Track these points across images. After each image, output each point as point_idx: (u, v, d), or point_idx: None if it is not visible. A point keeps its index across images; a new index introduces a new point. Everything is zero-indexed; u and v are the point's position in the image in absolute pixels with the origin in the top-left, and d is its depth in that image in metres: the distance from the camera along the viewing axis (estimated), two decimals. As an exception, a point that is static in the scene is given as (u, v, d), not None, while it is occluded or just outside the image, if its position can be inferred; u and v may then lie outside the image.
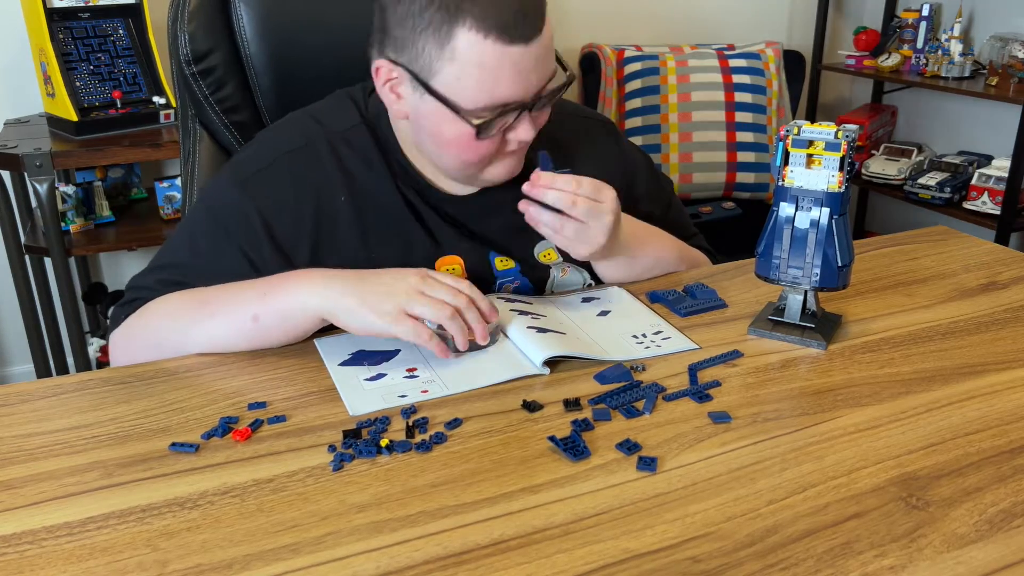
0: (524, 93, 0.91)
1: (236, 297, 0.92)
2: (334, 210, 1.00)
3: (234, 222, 0.98)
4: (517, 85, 0.90)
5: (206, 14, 1.17)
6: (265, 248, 0.98)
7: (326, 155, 1.00)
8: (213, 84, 1.18)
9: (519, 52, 0.88)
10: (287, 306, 0.90)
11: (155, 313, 0.96)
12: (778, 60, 2.69)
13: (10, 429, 0.79)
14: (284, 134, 1.04)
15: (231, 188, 1.00)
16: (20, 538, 0.64)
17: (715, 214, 2.53)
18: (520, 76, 0.90)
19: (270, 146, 1.03)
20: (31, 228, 2.19)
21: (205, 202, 1.04)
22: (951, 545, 0.62)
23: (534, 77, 0.91)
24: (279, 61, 1.19)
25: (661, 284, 1.08)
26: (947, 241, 1.22)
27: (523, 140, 0.95)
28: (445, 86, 0.90)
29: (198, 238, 1.00)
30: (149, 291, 0.98)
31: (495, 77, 0.89)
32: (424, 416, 0.80)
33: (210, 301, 0.93)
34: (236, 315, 0.91)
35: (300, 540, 0.63)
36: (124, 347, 0.97)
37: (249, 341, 0.92)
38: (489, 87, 0.89)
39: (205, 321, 0.92)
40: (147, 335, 0.96)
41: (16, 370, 2.50)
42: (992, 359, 0.89)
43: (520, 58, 0.89)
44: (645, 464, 0.71)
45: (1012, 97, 2.38)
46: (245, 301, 0.92)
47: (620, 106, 2.63)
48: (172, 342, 0.93)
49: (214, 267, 0.97)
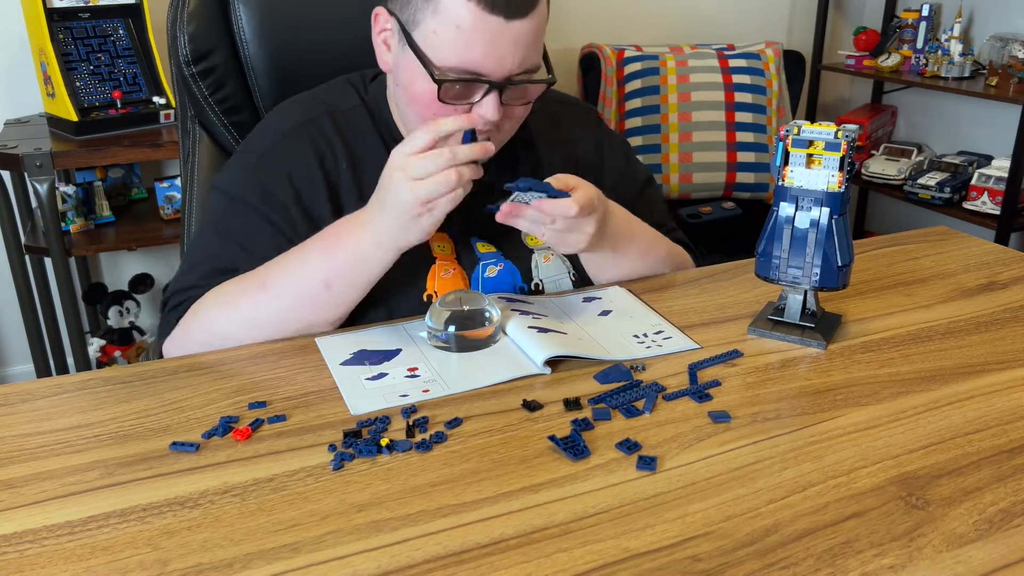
0: (495, 68, 0.91)
1: (297, 270, 0.93)
2: (338, 177, 1.02)
3: (259, 199, 1.00)
4: (489, 58, 0.90)
5: (206, 15, 1.17)
6: (297, 218, 0.99)
7: (328, 128, 1.03)
8: (212, 85, 1.18)
9: (498, 25, 0.89)
10: (358, 255, 0.92)
11: (212, 307, 0.96)
12: (778, 60, 2.69)
13: (11, 428, 0.79)
14: (286, 115, 1.06)
15: (247, 170, 1.02)
16: (21, 537, 0.64)
17: (715, 214, 2.53)
18: (493, 49, 0.90)
19: (274, 126, 1.05)
20: (31, 228, 2.19)
21: (224, 191, 1.04)
22: (951, 545, 0.62)
23: (509, 57, 0.91)
24: (278, 62, 1.20)
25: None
26: (947, 241, 1.22)
27: (486, 118, 0.93)
28: (423, 38, 0.92)
29: (228, 225, 1.01)
30: (196, 289, 0.99)
31: (468, 41, 0.89)
32: (424, 415, 0.80)
33: (268, 283, 0.94)
34: (305, 286, 0.93)
35: (300, 539, 0.63)
36: (185, 349, 0.96)
37: (327, 310, 0.94)
38: (461, 50, 0.90)
39: (270, 303, 0.93)
40: (210, 331, 0.95)
41: (16, 370, 2.50)
42: (992, 359, 0.89)
43: (498, 31, 0.89)
44: (645, 463, 0.71)
45: (1012, 97, 2.38)
46: (310, 271, 0.93)
47: (620, 106, 2.63)
48: (238, 333, 0.94)
49: (253, 247, 0.98)
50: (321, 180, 1.01)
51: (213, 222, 1.04)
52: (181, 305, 0.99)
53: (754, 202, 2.62)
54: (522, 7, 0.90)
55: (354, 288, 0.95)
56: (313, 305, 0.94)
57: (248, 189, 1.01)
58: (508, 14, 0.89)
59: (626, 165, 1.19)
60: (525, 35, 0.91)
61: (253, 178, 1.01)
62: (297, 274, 0.94)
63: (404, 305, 1.01)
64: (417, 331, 0.95)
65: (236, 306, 0.95)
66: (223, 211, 1.03)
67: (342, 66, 1.14)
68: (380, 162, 1.00)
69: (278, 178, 1.00)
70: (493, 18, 0.89)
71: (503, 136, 1.01)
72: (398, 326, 0.97)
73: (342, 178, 1.02)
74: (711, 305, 1.03)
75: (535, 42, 0.94)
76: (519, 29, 0.90)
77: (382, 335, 0.95)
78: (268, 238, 0.99)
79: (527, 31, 0.91)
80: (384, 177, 0.90)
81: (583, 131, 1.16)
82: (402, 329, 0.96)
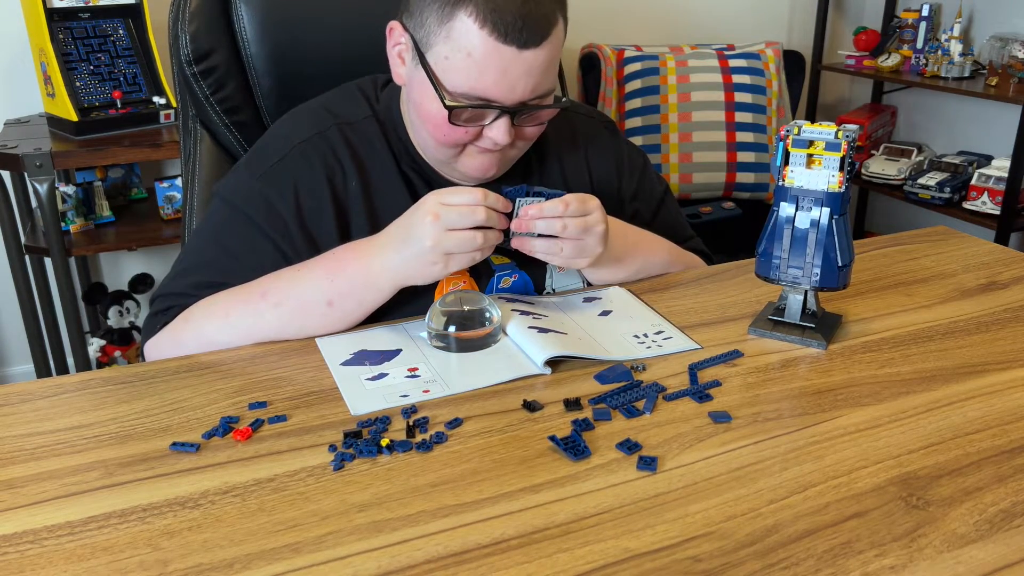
0: (506, 96, 0.91)
1: (301, 284, 0.94)
2: (347, 195, 1.01)
3: (262, 214, 0.99)
4: (500, 86, 0.90)
5: (207, 14, 1.17)
6: (296, 236, 0.99)
7: (338, 142, 1.02)
8: (214, 84, 1.18)
9: (510, 55, 0.89)
10: (363, 282, 0.92)
11: (204, 316, 0.96)
12: (778, 60, 2.69)
13: (11, 429, 0.79)
14: (297, 125, 1.05)
15: (252, 182, 1.01)
16: (21, 537, 0.64)
17: (715, 214, 2.53)
18: (504, 78, 0.90)
19: (284, 138, 1.04)
20: (31, 228, 2.19)
21: (227, 199, 1.02)
22: (951, 545, 0.62)
23: (520, 85, 0.91)
24: (280, 61, 1.19)
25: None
26: (947, 241, 1.22)
27: (497, 142, 0.94)
28: (435, 61, 0.91)
29: (225, 235, 1.00)
30: (185, 297, 0.98)
31: (480, 69, 0.89)
32: (425, 416, 0.80)
33: (271, 293, 0.94)
34: (307, 303, 0.93)
35: (301, 539, 0.63)
36: (171, 354, 0.95)
37: (329, 326, 0.94)
38: (472, 77, 0.90)
39: (271, 312, 0.93)
40: (199, 338, 0.95)
41: (16, 370, 2.50)
42: (992, 359, 0.89)
43: (510, 61, 0.89)
44: (645, 464, 0.71)
45: (1012, 97, 2.38)
46: (313, 286, 0.93)
47: (620, 106, 2.63)
48: (231, 341, 0.94)
49: (248, 261, 0.97)
50: (329, 199, 1.00)
51: (212, 229, 1.03)
52: (169, 310, 0.99)
53: (754, 202, 2.62)
54: (535, 37, 0.89)
55: (356, 308, 0.95)
56: (312, 319, 0.94)
57: (251, 201, 1.00)
58: (521, 44, 0.88)
59: (643, 179, 1.19)
60: (539, 64, 0.91)
61: (257, 190, 1.00)
62: (300, 288, 0.94)
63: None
64: (418, 331, 0.95)
65: (231, 315, 0.94)
66: (223, 220, 1.02)
67: (343, 65, 1.14)
68: (391, 181, 1.01)
69: (283, 193, 0.99)
70: (506, 48, 0.88)
71: (516, 153, 1.01)
72: (399, 326, 0.97)
73: (350, 198, 1.01)
74: (711, 305, 1.03)
75: (549, 69, 0.93)
76: (532, 59, 0.90)
77: (382, 335, 0.95)
78: (264, 253, 0.98)
79: (541, 60, 0.91)
80: (411, 214, 0.90)
81: (600, 145, 1.15)
82: (402, 329, 0.96)
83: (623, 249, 1.05)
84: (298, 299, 0.93)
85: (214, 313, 0.95)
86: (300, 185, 1.00)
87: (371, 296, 0.94)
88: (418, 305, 0.97)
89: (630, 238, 1.08)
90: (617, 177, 1.15)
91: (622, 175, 1.16)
